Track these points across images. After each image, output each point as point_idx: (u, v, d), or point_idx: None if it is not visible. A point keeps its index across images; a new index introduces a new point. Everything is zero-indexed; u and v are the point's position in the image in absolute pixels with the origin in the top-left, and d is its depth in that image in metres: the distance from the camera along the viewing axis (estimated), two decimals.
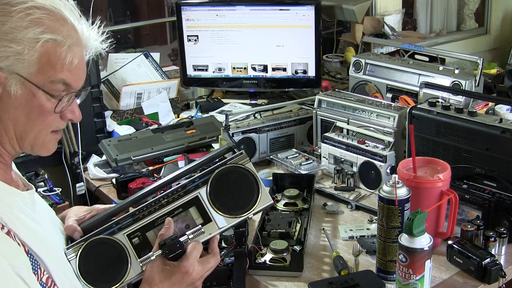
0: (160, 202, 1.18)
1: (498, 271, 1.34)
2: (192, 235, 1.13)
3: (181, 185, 1.19)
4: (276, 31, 2.47)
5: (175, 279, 1.10)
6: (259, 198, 1.18)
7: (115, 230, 1.16)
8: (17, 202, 1.05)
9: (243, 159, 1.20)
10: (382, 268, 1.35)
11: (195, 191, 1.18)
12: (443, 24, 4.04)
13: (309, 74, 2.50)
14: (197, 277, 1.12)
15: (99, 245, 1.15)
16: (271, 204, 1.20)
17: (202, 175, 1.19)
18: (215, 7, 2.48)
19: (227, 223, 1.17)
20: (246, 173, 1.19)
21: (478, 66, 2.11)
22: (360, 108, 1.94)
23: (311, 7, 2.40)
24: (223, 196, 1.18)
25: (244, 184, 1.19)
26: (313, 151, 2.03)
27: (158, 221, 1.16)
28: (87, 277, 1.12)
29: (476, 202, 1.52)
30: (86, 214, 1.26)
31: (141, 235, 1.15)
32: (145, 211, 1.17)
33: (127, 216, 1.17)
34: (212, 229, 1.16)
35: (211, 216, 1.17)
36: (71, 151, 2.13)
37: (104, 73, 2.51)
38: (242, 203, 1.18)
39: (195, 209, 1.17)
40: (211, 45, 2.53)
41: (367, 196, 1.81)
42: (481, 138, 1.57)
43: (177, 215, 1.16)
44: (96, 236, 1.15)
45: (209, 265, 1.14)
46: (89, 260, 1.13)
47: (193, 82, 2.65)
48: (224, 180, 1.18)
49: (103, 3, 4.58)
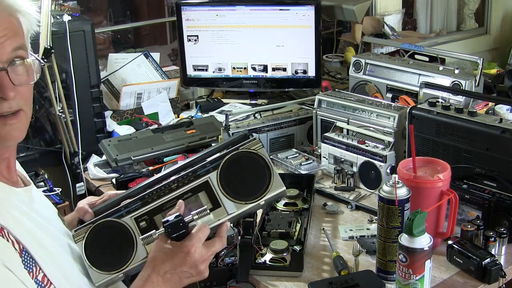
0: (170, 186, 1.16)
1: (498, 271, 1.34)
2: (197, 216, 1.10)
3: (192, 170, 1.16)
4: (276, 31, 2.47)
5: (177, 259, 1.08)
6: (271, 185, 1.14)
7: (123, 214, 1.15)
8: (12, 200, 1.05)
9: (255, 144, 1.16)
10: (382, 268, 1.35)
11: (205, 176, 1.15)
12: (443, 24, 4.04)
13: (309, 74, 2.50)
14: (200, 259, 1.09)
15: (106, 228, 1.14)
16: (283, 192, 1.16)
17: (213, 160, 1.16)
18: (215, 7, 2.48)
19: (237, 209, 1.14)
20: (258, 158, 1.15)
21: (478, 66, 2.11)
22: (360, 108, 1.94)
23: (311, 7, 2.40)
24: (234, 182, 1.14)
25: (256, 170, 1.15)
26: (313, 151, 2.03)
27: (167, 205, 1.14)
28: (92, 259, 1.12)
29: (476, 202, 1.52)
30: (98, 200, 1.26)
31: (149, 218, 1.14)
32: (154, 195, 1.16)
33: (136, 199, 1.16)
34: (221, 214, 1.13)
35: (221, 201, 1.14)
36: (71, 151, 2.13)
37: (104, 73, 2.51)
38: (253, 189, 1.14)
39: (205, 194, 1.15)
40: (211, 45, 2.53)
41: (367, 196, 1.81)
42: (481, 138, 1.57)
43: (186, 200, 1.14)
44: (103, 219, 1.14)
45: (214, 248, 1.11)
46: (96, 242, 1.12)
47: (193, 82, 2.65)
48: (235, 166, 1.15)
49: (103, 3, 4.58)
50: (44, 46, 1.93)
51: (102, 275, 1.12)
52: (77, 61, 2.11)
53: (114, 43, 3.91)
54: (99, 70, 2.26)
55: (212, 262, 1.39)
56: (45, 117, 2.18)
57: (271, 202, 1.19)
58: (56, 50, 1.98)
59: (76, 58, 2.11)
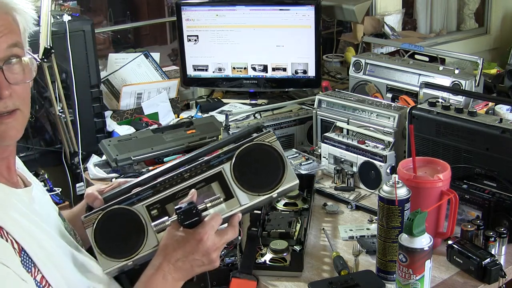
0: (182, 175, 1.15)
1: (498, 271, 1.34)
2: (210, 203, 1.10)
3: (205, 160, 1.16)
4: (276, 31, 2.47)
5: (189, 247, 1.07)
6: (284, 178, 1.14)
7: (135, 201, 1.14)
8: (11, 201, 1.05)
9: (270, 137, 1.16)
10: (382, 268, 1.35)
11: (218, 166, 1.15)
12: (443, 24, 4.04)
13: (309, 74, 2.50)
14: (212, 247, 1.08)
15: (117, 215, 1.13)
16: (296, 185, 1.16)
17: (227, 151, 1.16)
18: (215, 7, 2.48)
19: (249, 200, 1.13)
20: (272, 151, 1.15)
21: (478, 66, 2.11)
22: (360, 108, 1.94)
23: (311, 7, 2.40)
24: (247, 173, 1.14)
25: (270, 162, 1.14)
26: (313, 151, 2.03)
27: (179, 194, 1.13)
28: (102, 246, 1.11)
29: (476, 202, 1.52)
30: (107, 187, 1.25)
31: (161, 207, 1.13)
32: (167, 184, 1.15)
33: (148, 188, 1.15)
34: (233, 205, 1.13)
35: (234, 192, 1.13)
36: (71, 151, 2.13)
37: (104, 73, 2.51)
38: (266, 181, 1.14)
39: (218, 184, 1.14)
40: (211, 45, 2.53)
41: (367, 196, 1.81)
42: (481, 138, 1.57)
43: (199, 190, 1.13)
44: (114, 206, 1.13)
45: (227, 236, 1.11)
46: (106, 229, 1.12)
47: (193, 82, 2.65)
48: (249, 157, 1.14)
49: (103, 3, 4.59)
50: (44, 46, 1.93)
51: (111, 262, 1.11)
52: (77, 61, 2.11)
53: (114, 43, 3.91)
54: (99, 70, 2.26)
55: None
56: (45, 117, 2.18)
57: (284, 195, 1.19)
58: (56, 50, 1.98)
59: (76, 58, 2.11)
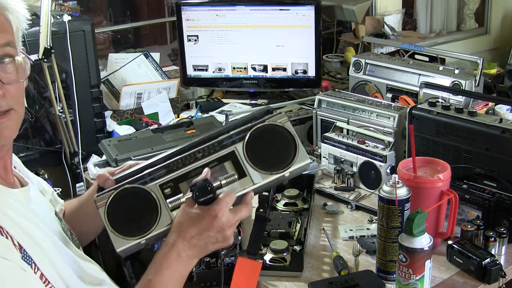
0: (195, 155, 1.16)
1: (498, 271, 1.34)
2: (225, 181, 1.11)
3: (217, 140, 1.17)
4: (276, 31, 2.47)
5: (204, 224, 1.07)
6: (296, 157, 1.15)
7: (147, 181, 1.14)
8: (8, 200, 1.05)
9: (281, 118, 1.17)
10: (382, 268, 1.35)
11: (231, 146, 1.16)
12: (443, 24, 4.04)
13: (309, 74, 2.50)
14: (227, 223, 1.08)
15: (130, 194, 1.13)
16: (308, 165, 1.18)
17: (239, 132, 1.17)
18: (215, 7, 2.48)
19: (262, 179, 1.14)
20: (283, 131, 1.16)
21: (478, 66, 2.11)
22: (360, 108, 1.94)
23: (311, 7, 2.40)
24: (260, 152, 1.15)
25: (281, 142, 1.16)
26: (313, 151, 2.03)
27: (192, 173, 1.14)
28: (114, 224, 1.11)
29: (476, 202, 1.52)
30: (118, 169, 1.25)
31: (174, 186, 1.14)
32: (180, 163, 1.15)
33: (161, 167, 1.15)
34: (246, 184, 1.14)
35: (246, 171, 1.14)
36: (71, 151, 2.13)
37: (104, 73, 2.51)
38: (279, 160, 1.15)
39: (231, 163, 1.15)
40: (211, 45, 2.53)
41: (367, 196, 1.81)
42: (481, 138, 1.57)
43: (212, 169, 1.14)
44: (127, 185, 1.13)
45: (241, 213, 1.11)
46: (118, 208, 1.12)
47: (193, 82, 2.65)
48: (261, 137, 1.16)
49: (103, 3, 4.59)
50: (44, 46, 1.93)
51: (123, 241, 1.11)
52: (77, 61, 2.11)
53: (114, 43, 3.91)
54: (99, 70, 2.26)
55: (212, 262, 1.40)
56: (45, 117, 2.18)
57: (296, 174, 1.20)
58: (56, 50, 1.98)
59: (76, 58, 2.11)
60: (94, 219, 1.27)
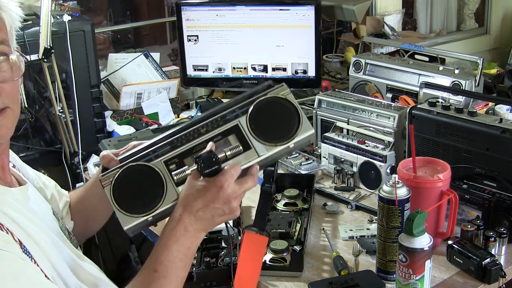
0: (199, 130, 1.16)
1: (498, 271, 1.34)
2: (230, 152, 1.11)
3: (221, 115, 1.17)
4: (276, 31, 2.47)
5: (210, 195, 1.07)
6: (299, 128, 1.15)
7: (152, 158, 1.14)
8: (7, 199, 1.05)
9: (283, 90, 1.17)
10: (382, 268, 1.35)
11: (235, 120, 1.16)
12: (443, 24, 4.05)
13: (309, 74, 2.50)
14: (233, 194, 1.08)
15: (135, 172, 1.13)
16: (312, 135, 1.18)
17: (242, 106, 1.17)
18: (215, 7, 2.48)
19: (267, 151, 1.14)
20: (286, 103, 1.16)
21: (478, 66, 2.11)
22: (360, 108, 1.94)
23: (311, 7, 2.40)
24: (263, 125, 1.15)
25: (285, 114, 1.16)
26: (313, 151, 2.03)
27: (197, 148, 1.14)
28: (120, 203, 1.11)
29: (476, 202, 1.52)
30: (121, 150, 1.25)
31: (179, 161, 1.13)
32: (184, 139, 1.15)
33: (165, 144, 1.15)
34: (251, 156, 1.14)
35: (251, 143, 1.14)
36: (71, 151, 2.13)
37: (104, 73, 2.51)
38: (283, 132, 1.15)
39: (235, 136, 1.15)
40: (211, 45, 2.53)
41: (367, 196, 1.81)
42: (481, 138, 1.57)
43: (216, 143, 1.14)
44: (132, 163, 1.13)
45: (246, 185, 1.10)
46: (124, 186, 1.11)
47: (193, 82, 2.65)
48: (264, 110, 1.16)
49: (103, 3, 4.59)
50: (44, 46, 1.94)
51: (130, 219, 1.11)
52: (77, 61, 2.11)
53: (114, 43, 3.92)
54: (99, 70, 2.26)
55: (212, 262, 1.40)
56: (45, 117, 2.18)
57: (300, 146, 1.21)
58: (56, 50, 1.98)
59: (76, 58, 2.11)
60: (101, 203, 1.28)
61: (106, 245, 2.50)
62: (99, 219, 1.40)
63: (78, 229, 1.37)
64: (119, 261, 2.66)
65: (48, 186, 1.35)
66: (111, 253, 2.57)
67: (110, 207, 1.13)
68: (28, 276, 0.97)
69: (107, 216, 1.37)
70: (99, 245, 2.25)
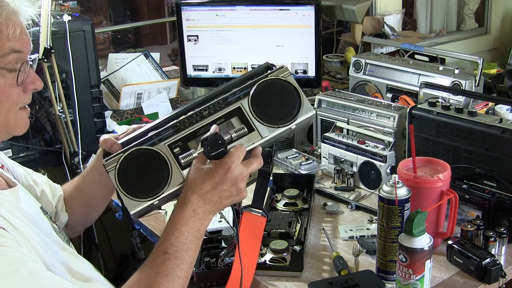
0: (202, 113, 1.16)
1: (498, 271, 1.34)
2: (235, 134, 1.12)
3: (222, 98, 1.17)
4: (276, 31, 2.47)
5: (218, 177, 1.08)
6: (301, 109, 1.17)
7: (156, 142, 1.14)
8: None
9: (284, 72, 1.19)
10: (382, 268, 1.35)
11: (237, 102, 1.17)
12: (443, 24, 4.04)
13: (309, 74, 2.50)
14: (240, 176, 1.09)
15: (140, 156, 1.13)
16: (313, 116, 1.19)
17: (243, 88, 1.18)
18: (215, 7, 2.48)
19: (269, 133, 1.16)
20: (287, 84, 1.18)
21: (478, 66, 2.11)
22: (360, 108, 1.94)
23: (311, 7, 2.39)
24: (265, 107, 1.17)
25: (286, 95, 1.17)
26: (313, 151, 2.03)
27: (200, 131, 1.15)
28: (126, 187, 1.11)
29: (476, 202, 1.52)
30: (122, 134, 1.25)
31: (183, 144, 1.14)
32: (186, 122, 1.16)
33: (168, 127, 1.16)
34: (254, 138, 1.15)
35: (254, 125, 1.16)
36: (71, 151, 2.13)
37: (104, 73, 2.51)
38: (284, 113, 1.17)
39: (237, 119, 1.16)
40: (211, 45, 2.53)
41: (367, 196, 1.81)
42: (481, 138, 1.57)
43: (219, 125, 1.15)
44: (135, 147, 1.13)
45: (252, 166, 1.12)
46: (129, 171, 1.12)
47: (193, 82, 2.65)
48: (265, 92, 1.17)
49: (103, 3, 4.59)
50: (44, 46, 1.93)
51: (136, 203, 1.11)
52: (77, 61, 2.11)
53: (114, 43, 3.91)
54: (99, 70, 2.26)
55: (212, 262, 1.40)
56: (45, 117, 2.18)
57: (301, 127, 1.21)
58: (56, 50, 1.98)
59: (76, 58, 2.11)
60: (100, 188, 1.28)
61: (106, 245, 2.50)
62: (98, 204, 1.40)
63: (77, 218, 1.38)
64: (119, 261, 2.66)
65: (38, 183, 1.35)
66: (111, 253, 2.57)
67: (109, 192, 1.13)
68: (29, 268, 0.97)
69: (106, 201, 1.38)
70: (99, 245, 2.25)
